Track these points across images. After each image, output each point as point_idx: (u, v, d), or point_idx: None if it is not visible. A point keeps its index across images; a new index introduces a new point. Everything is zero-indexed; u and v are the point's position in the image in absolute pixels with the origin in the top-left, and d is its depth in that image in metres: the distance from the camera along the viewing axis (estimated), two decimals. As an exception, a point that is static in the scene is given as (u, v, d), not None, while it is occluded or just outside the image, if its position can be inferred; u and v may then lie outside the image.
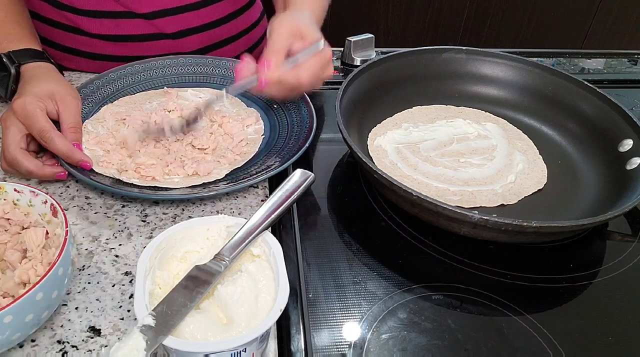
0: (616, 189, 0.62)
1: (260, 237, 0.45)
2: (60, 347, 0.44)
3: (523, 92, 0.79)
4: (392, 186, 0.55)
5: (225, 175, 0.63)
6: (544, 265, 0.57)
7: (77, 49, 0.84)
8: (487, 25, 2.01)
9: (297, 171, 0.54)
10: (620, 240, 0.62)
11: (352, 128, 0.70)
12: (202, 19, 0.86)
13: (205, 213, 0.59)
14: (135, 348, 0.35)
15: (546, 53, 1.04)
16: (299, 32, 0.65)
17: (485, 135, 0.74)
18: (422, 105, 0.79)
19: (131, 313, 0.48)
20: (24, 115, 0.59)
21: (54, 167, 0.60)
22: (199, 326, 0.39)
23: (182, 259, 0.45)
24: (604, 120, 0.71)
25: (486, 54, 0.80)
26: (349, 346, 0.47)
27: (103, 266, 0.52)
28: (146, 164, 0.61)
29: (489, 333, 0.49)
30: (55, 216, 0.47)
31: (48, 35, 0.84)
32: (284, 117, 0.74)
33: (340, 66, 0.92)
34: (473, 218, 0.51)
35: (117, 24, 0.81)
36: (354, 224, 0.61)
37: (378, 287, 0.53)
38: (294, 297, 0.50)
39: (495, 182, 0.66)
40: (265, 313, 0.40)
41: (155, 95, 0.76)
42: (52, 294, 0.41)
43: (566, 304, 0.53)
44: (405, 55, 0.79)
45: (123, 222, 0.57)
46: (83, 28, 0.81)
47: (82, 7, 0.79)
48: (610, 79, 0.96)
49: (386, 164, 0.68)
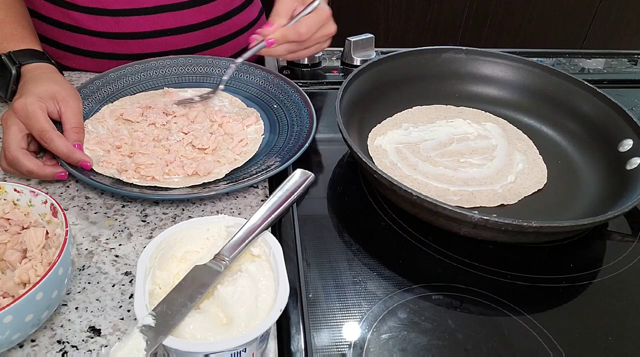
0: (616, 189, 0.62)
1: (260, 237, 0.45)
2: (60, 347, 0.44)
3: (523, 92, 0.79)
4: (392, 186, 0.55)
5: (225, 176, 0.63)
6: (544, 265, 0.57)
7: (77, 47, 0.85)
8: (487, 25, 2.01)
9: (297, 171, 0.54)
10: (620, 240, 0.62)
11: (352, 128, 0.70)
12: (202, 16, 0.86)
13: (205, 213, 0.59)
14: (135, 348, 0.35)
15: (546, 53, 1.04)
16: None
17: (485, 135, 0.74)
18: (422, 105, 0.79)
19: (131, 313, 0.48)
20: (25, 115, 0.59)
21: (55, 167, 0.60)
22: (199, 326, 0.39)
23: (182, 259, 0.45)
24: (604, 120, 0.71)
25: (486, 54, 0.80)
26: (349, 346, 0.47)
27: (103, 266, 0.52)
28: (146, 164, 0.61)
29: (489, 333, 0.49)
30: (55, 216, 0.47)
31: (47, 34, 0.84)
32: (284, 117, 0.74)
33: (340, 66, 0.92)
34: (473, 218, 0.51)
35: (117, 21, 0.81)
36: (354, 224, 0.61)
37: (378, 287, 0.53)
38: (294, 297, 0.50)
39: (495, 182, 0.66)
40: (265, 313, 0.40)
41: (155, 95, 0.76)
42: (52, 294, 0.41)
43: (566, 304, 0.53)
44: (405, 55, 0.79)
45: (123, 222, 0.57)
46: (83, 26, 0.82)
47: (82, 4, 0.80)
48: (610, 79, 0.96)
49: (386, 164, 0.68)
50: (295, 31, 0.69)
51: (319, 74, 0.90)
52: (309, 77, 0.89)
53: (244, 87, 0.80)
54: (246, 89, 0.80)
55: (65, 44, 0.85)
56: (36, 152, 0.62)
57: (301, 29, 0.69)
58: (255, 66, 0.81)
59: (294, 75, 0.89)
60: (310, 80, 0.88)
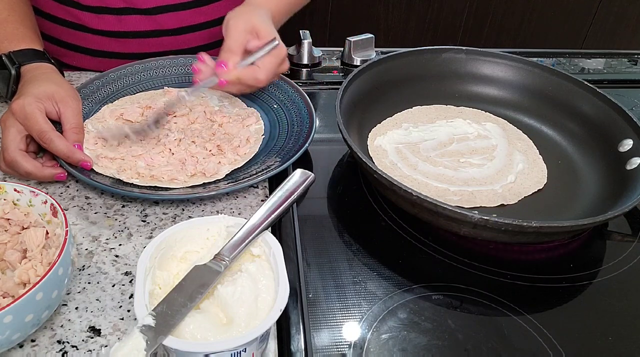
0: (616, 189, 0.62)
1: (260, 237, 0.45)
2: (60, 347, 0.44)
3: (523, 92, 0.79)
4: (392, 186, 0.55)
5: (225, 176, 0.63)
6: (544, 265, 0.57)
7: (79, 45, 0.85)
8: (487, 25, 2.01)
9: (297, 171, 0.54)
10: (620, 240, 0.62)
11: (352, 128, 0.70)
12: (203, 17, 0.86)
13: (205, 213, 0.59)
14: (135, 348, 0.35)
15: (546, 53, 1.04)
16: (255, 29, 0.67)
17: (485, 135, 0.74)
18: (422, 105, 0.79)
19: (131, 313, 0.48)
20: (23, 116, 0.59)
21: (54, 168, 0.60)
22: (199, 326, 0.39)
23: (182, 259, 0.45)
24: (604, 120, 0.71)
25: (486, 54, 0.80)
26: (349, 346, 0.47)
27: (103, 266, 0.52)
28: (159, 165, 0.62)
29: (489, 333, 0.49)
30: (55, 216, 0.47)
31: (50, 32, 0.85)
32: (284, 117, 0.74)
33: (340, 66, 0.92)
34: (473, 218, 0.51)
35: (120, 20, 0.82)
36: (354, 224, 0.61)
37: (378, 287, 0.53)
38: (294, 297, 0.50)
39: (495, 182, 0.66)
40: (265, 313, 0.40)
41: (155, 95, 0.76)
42: (52, 294, 0.41)
43: (566, 304, 0.53)
44: (405, 55, 0.79)
45: (123, 222, 0.57)
46: (86, 24, 0.82)
47: (85, 3, 0.80)
48: (610, 79, 0.96)
49: (386, 164, 0.68)
50: (253, 76, 0.66)
51: (319, 74, 0.90)
52: (309, 77, 0.89)
53: (244, 87, 0.80)
54: (246, 89, 0.80)
55: (67, 42, 0.85)
56: (35, 152, 0.62)
57: (259, 76, 0.66)
58: (255, 66, 0.81)
59: (294, 76, 0.89)
60: (310, 80, 0.88)
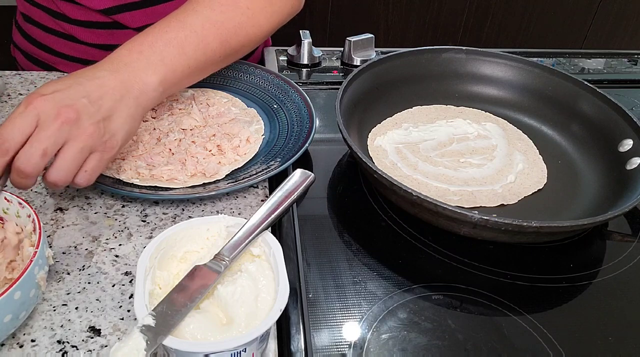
0: (616, 189, 0.62)
1: (260, 237, 0.45)
2: (60, 347, 0.44)
3: (523, 92, 0.79)
4: (392, 186, 0.55)
5: (225, 176, 0.63)
6: (544, 265, 0.57)
7: (72, 55, 0.84)
8: (487, 25, 2.01)
9: (297, 171, 0.54)
10: (620, 240, 0.62)
11: (352, 128, 0.70)
12: None
13: (205, 213, 0.59)
14: (135, 348, 0.35)
15: (546, 53, 1.04)
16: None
17: (485, 135, 0.74)
18: (422, 105, 0.79)
19: (131, 313, 0.48)
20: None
21: None
22: (199, 326, 0.39)
23: (182, 259, 0.45)
24: (604, 120, 0.71)
25: (486, 54, 0.80)
26: (349, 346, 0.47)
27: (103, 266, 0.52)
28: (160, 165, 0.62)
29: (489, 333, 0.49)
30: (34, 231, 0.44)
31: (43, 40, 0.84)
32: (284, 117, 0.74)
33: (340, 66, 0.92)
34: (473, 218, 0.51)
35: (111, 34, 0.81)
36: (354, 224, 0.61)
37: (378, 287, 0.53)
38: (294, 297, 0.50)
39: (495, 182, 0.66)
40: (265, 313, 0.40)
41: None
42: (3, 318, 0.39)
43: (566, 304, 0.53)
44: (405, 55, 0.79)
45: (123, 222, 0.57)
46: (78, 37, 0.81)
47: (75, 18, 0.79)
48: (610, 79, 0.96)
49: (386, 164, 0.68)
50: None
51: (319, 74, 0.90)
52: (309, 77, 0.89)
53: (244, 87, 0.80)
54: (246, 89, 0.80)
55: (61, 52, 0.84)
56: None
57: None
58: (255, 66, 0.81)
59: (294, 76, 0.89)
60: (310, 80, 0.88)
